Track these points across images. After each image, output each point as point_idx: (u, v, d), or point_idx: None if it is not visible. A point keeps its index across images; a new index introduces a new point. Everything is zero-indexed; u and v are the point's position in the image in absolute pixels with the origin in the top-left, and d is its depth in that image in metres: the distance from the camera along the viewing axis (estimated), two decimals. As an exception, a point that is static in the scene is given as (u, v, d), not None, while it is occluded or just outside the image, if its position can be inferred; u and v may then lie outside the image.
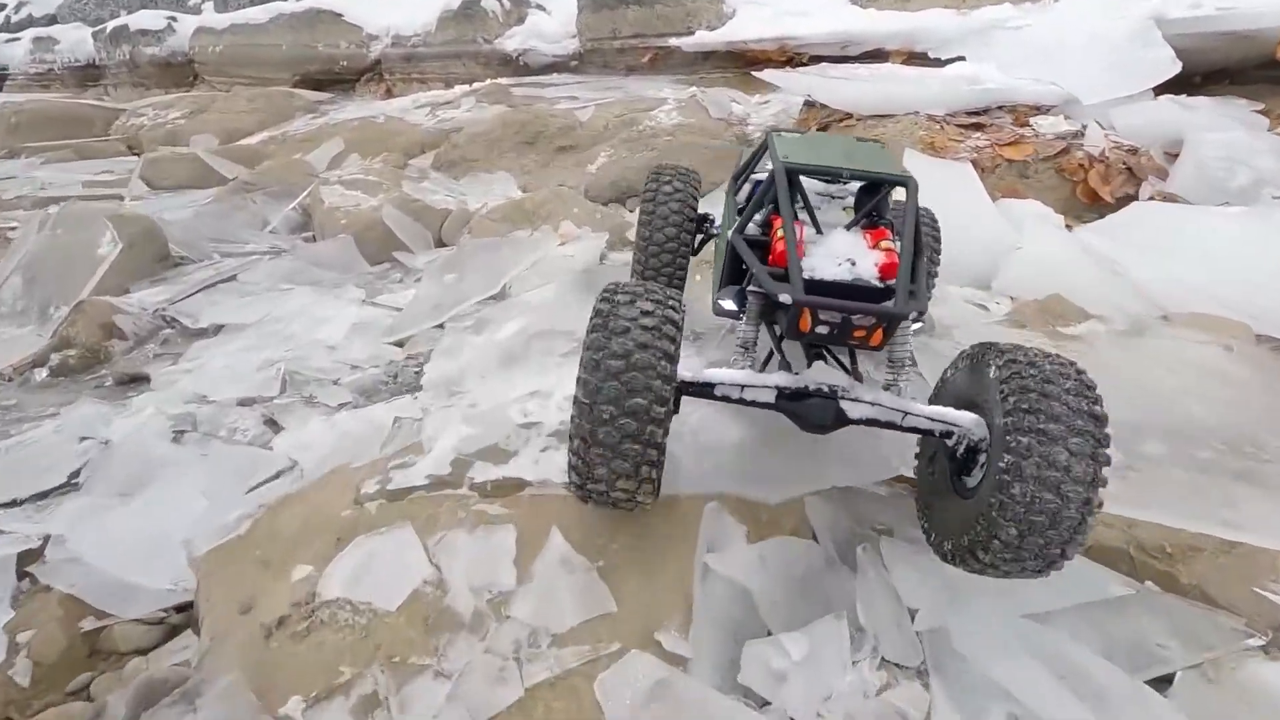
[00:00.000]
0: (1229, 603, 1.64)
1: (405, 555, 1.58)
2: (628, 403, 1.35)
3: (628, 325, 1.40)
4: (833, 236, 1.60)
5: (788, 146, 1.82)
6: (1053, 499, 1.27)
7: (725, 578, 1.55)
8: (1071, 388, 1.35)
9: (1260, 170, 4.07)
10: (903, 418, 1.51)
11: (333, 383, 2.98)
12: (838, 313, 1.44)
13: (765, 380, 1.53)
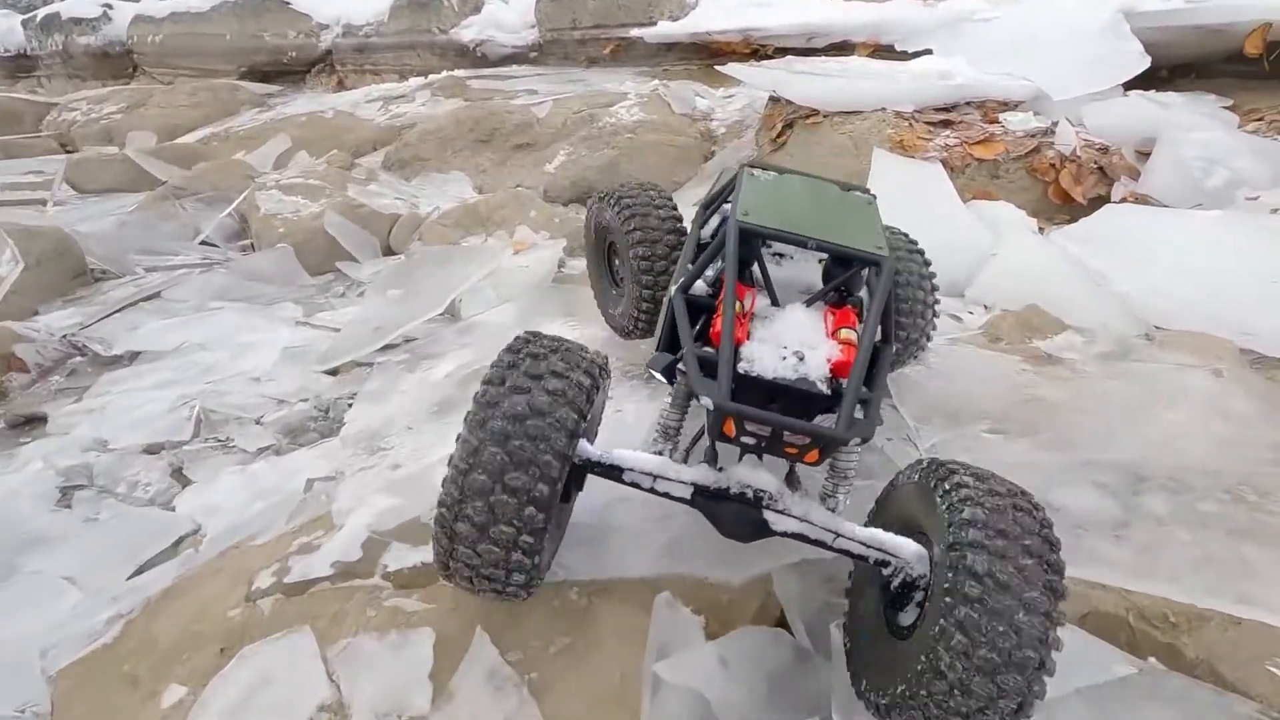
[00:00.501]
0: (1240, 682, 1.48)
1: (300, 672, 1.33)
2: (507, 476, 1.17)
3: (528, 385, 1.22)
4: (788, 314, 1.39)
5: (755, 194, 1.56)
6: (998, 660, 1.07)
7: (677, 688, 1.33)
8: (1032, 544, 1.15)
9: (1236, 171, 3.96)
10: (834, 539, 1.31)
11: (254, 422, 2.69)
12: (765, 429, 1.23)
13: (681, 474, 1.33)
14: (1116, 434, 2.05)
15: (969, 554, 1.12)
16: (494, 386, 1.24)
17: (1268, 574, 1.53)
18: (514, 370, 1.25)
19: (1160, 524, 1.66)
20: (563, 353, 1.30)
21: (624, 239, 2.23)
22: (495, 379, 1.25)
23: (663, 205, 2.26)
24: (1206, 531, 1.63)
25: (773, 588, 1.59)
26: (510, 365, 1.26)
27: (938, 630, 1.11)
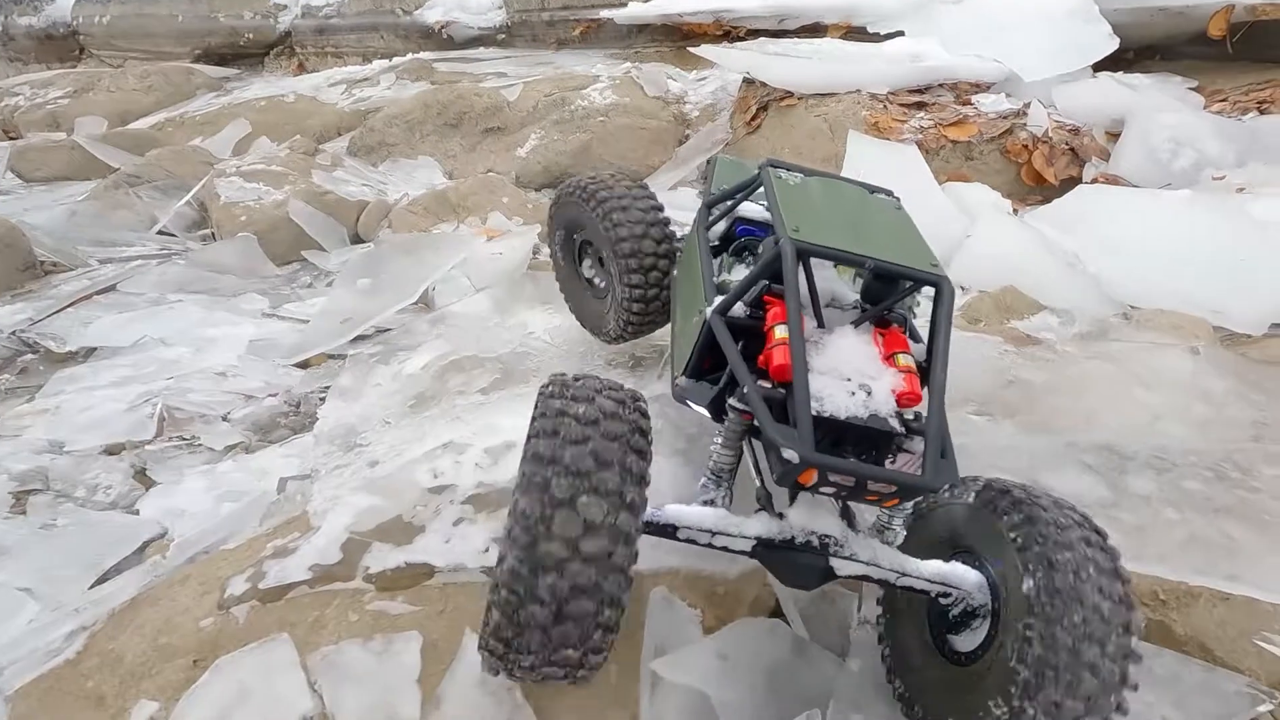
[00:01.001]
0: (1230, 657, 1.49)
1: (279, 683, 1.27)
2: (583, 543, 1.03)
3: (586, 434, 1.10)
4: (838, 339, 1.27)
5: (795, 204, 1.42)
6: (1090, 677, 1.06)
7: (678, 686, 1.29)
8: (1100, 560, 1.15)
9: (1203, 151, 4.03)
10: (898, 578, 1.25)
11: (221, 419, 2.58)
12: (850, 475, 1.12)
13: (742, 528, 1.24)
14: (1098, 415, 2.07)
15: (1059, 575, 1.10)
16: (545, 439, 1.10)
17: (1252, 550, 1.55)
18: (564, 418, 1.12)
19: (1148, 504, 1.67)
20: (607, 392, 1.19)
21: (605, 237, 2.05)
22: (540, 433, 1.12)
23: (642, 197, 2.09)
24: (1192, 510, 1.65)
25: (768, 578, 1.56)
26: (559, 413, 1.13)
27: (1037, 656, 1.08)
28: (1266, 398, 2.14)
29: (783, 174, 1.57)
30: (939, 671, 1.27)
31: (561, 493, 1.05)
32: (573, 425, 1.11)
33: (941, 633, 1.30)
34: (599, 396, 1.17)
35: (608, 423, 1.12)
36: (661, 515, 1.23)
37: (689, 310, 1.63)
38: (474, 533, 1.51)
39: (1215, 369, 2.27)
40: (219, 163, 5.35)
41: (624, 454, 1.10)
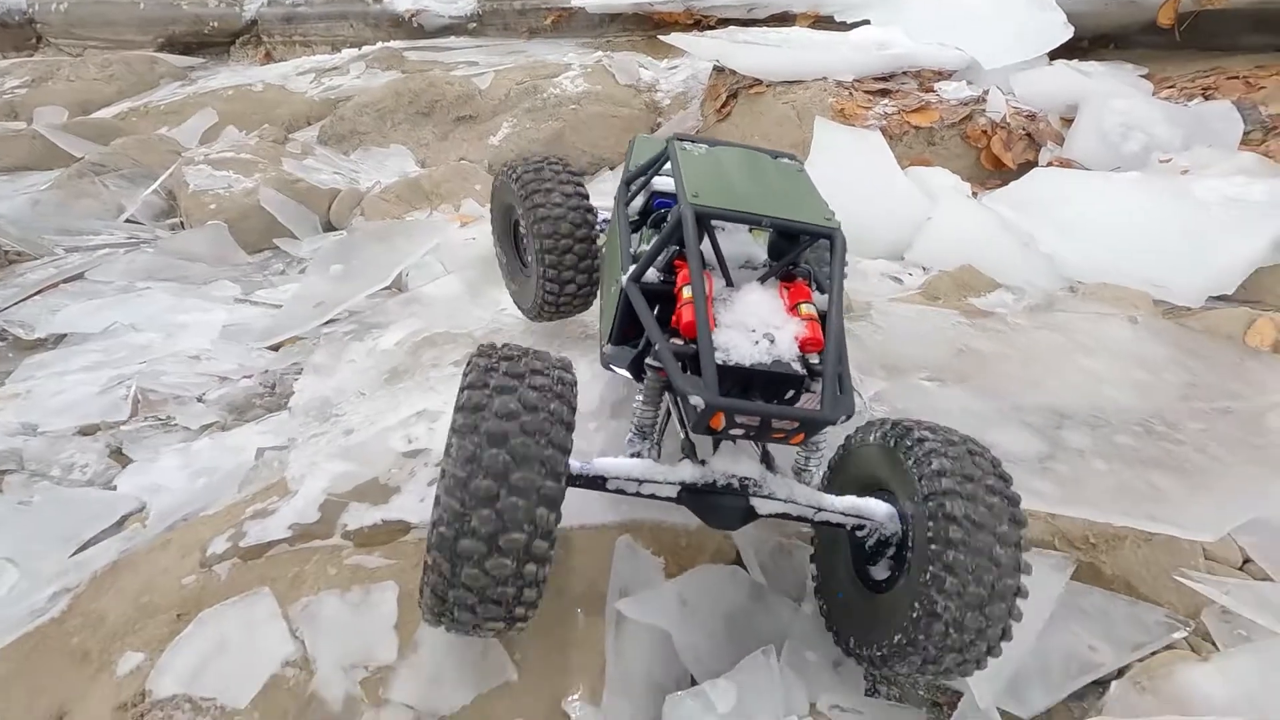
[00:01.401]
0: (1152, 593, 1.62)
1: (262, 632, 1.32)
2: (513, 476, 1.09)
3: (513, 385, 1.16)
4: (745, 294, 1.36)
5: (696, 172, 1.50)
6: (984, 591, 1.17)
7: (642, 625, 1.37)
8: (993, 484, 1.26)
9: (1151, 135, 4.19)
10: (815, 513, 1.35)
11: (196, 400, 2.61)
12: (755, 420, 1.20)
13: (667, 474, 1.32)
14: (1043, 380, 2.19)
15: (946, 501, 1.21)
16: (476, 390, 1.16)
17: (1174, 496, 1.67)
18: (494, 373, 1.19)
19: (1081, 456, 1.79)
20: (533, 355, 1.26)
21: (526, 217, 2.08)
22: (477, 383, 1.17)
23: (567, 181, 2.12)
24: (1121, 461, 1.77)
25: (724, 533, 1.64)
26: (488, 369, 1.20)
27: (929, 577, 1.19)
28: (1199, 362, 2.28)
29: (687, 146, 1.66)
30: (860, 600, 1.38)
31: (493, 433, 1.11)
32: (501, 378, 1.17)
33: (861, 564, 1.41)
34: (527, 356, 1.24)
35: (535, 377, 1.19)
36: (590, 468, 1.30)
37: (609, 282, 1.72)
38: (447, 492, 1.57)
39: (1153, 337, 2.41)
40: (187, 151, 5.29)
41: (549, 400, 1.17)
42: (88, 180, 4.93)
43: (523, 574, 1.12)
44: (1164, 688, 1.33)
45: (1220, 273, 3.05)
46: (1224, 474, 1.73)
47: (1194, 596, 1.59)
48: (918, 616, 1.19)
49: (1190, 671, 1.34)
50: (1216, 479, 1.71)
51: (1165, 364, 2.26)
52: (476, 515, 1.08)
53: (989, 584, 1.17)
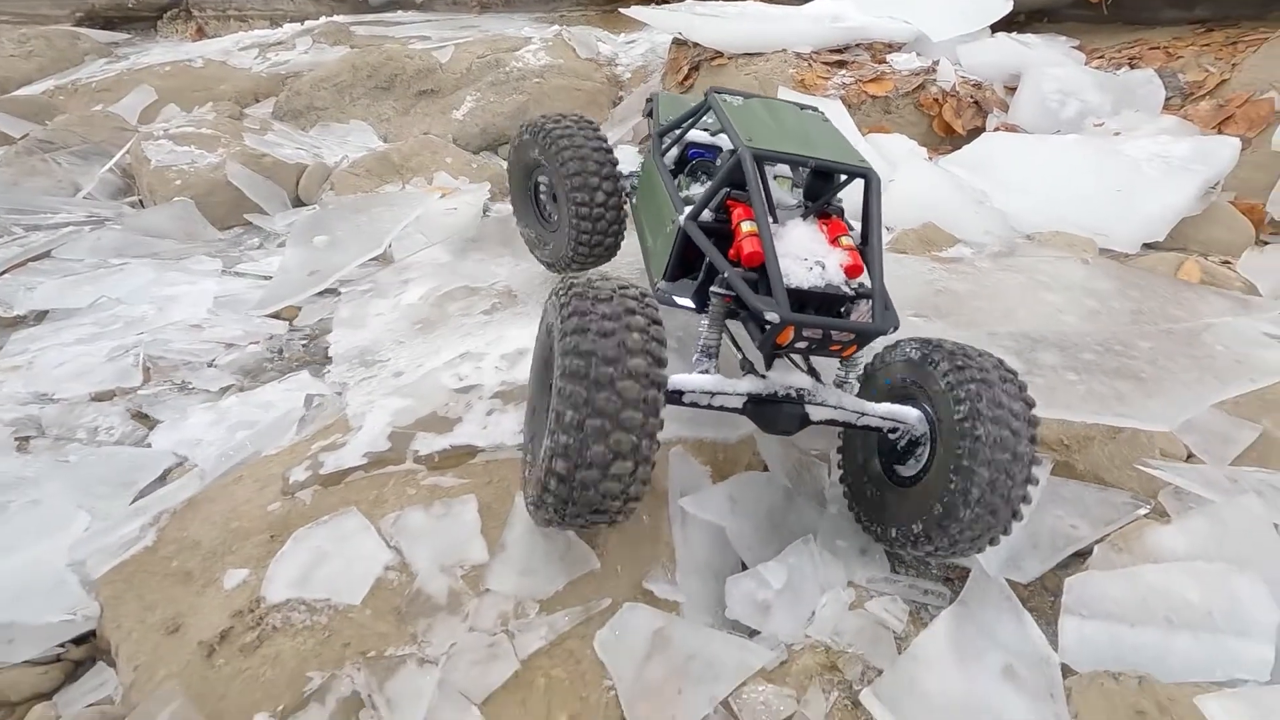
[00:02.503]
0: (1117, 481, 1.89)
1: (358, 543, 1.44)
2: (622, 415, 1.20)
3: (613, 328, 1.25)
4: (791, 229, 1.51)
5: (741, 120, 1.64)
6: (1005, 479, 1.36)
7: (701, 520, 1.55)
8: (1016, 409, 1.43)
9: (1085, 101, 4.56)
10: (858, 418, 1.53)
11: (207, 365, 2.63)
12: (819, 329, 1.38)
13: (735, 387, 1.47)
14: (1012, 312, 2.45)
15: (973, 401, 1.39)
16: (579, 337, 1.24)
17: (1134, 398, 1.94)
18: (590, 317, 1.26)
19: (1054, 371, 2.05)
20: (623, 294, 1.33)
21: (556, 171, 2.17)
22: (577, 330, 1.25)
23: (592, 135, 2.23)
24: (1089, 374, 2.03)
25: (757, 447, 1.83)
26: (584, 314, 1.27)
27: (965, 467, 1.36)
28: (1141, 293, 2.58)
29: (726, 98, 1.82)
30: (893, 494, 1.57)
31: (602, 377, 1.22)
32: (600, 321, 1.26)
33: (889, 464, 1.61)
34: (618, 297, 1.32)
35: (628, 317, 1.28)
36: (669, 383, 1.42)
37: (658, 226, 1.85)
38: (505, 420, 1.71)
39: (1102, 274, 2.71)
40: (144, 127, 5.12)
41: (647, 342, 1.27)
42: (37, 158, 4.72)
43: (629, 493, 1.28)
44: (1136, 547, 1.58)
45: (1152, 223, 3.40)
46: (1172, 380, 2.02)
47: (1151, 481, 1.86)
48: (955, 487, 1.37)
49: (1156, 533, 1.60)
50: (1166, 384, 1.99)
51: (1113, 295, 2.55)
52: (592, 451, 1.21)
53: (1016, 475, 1.37)
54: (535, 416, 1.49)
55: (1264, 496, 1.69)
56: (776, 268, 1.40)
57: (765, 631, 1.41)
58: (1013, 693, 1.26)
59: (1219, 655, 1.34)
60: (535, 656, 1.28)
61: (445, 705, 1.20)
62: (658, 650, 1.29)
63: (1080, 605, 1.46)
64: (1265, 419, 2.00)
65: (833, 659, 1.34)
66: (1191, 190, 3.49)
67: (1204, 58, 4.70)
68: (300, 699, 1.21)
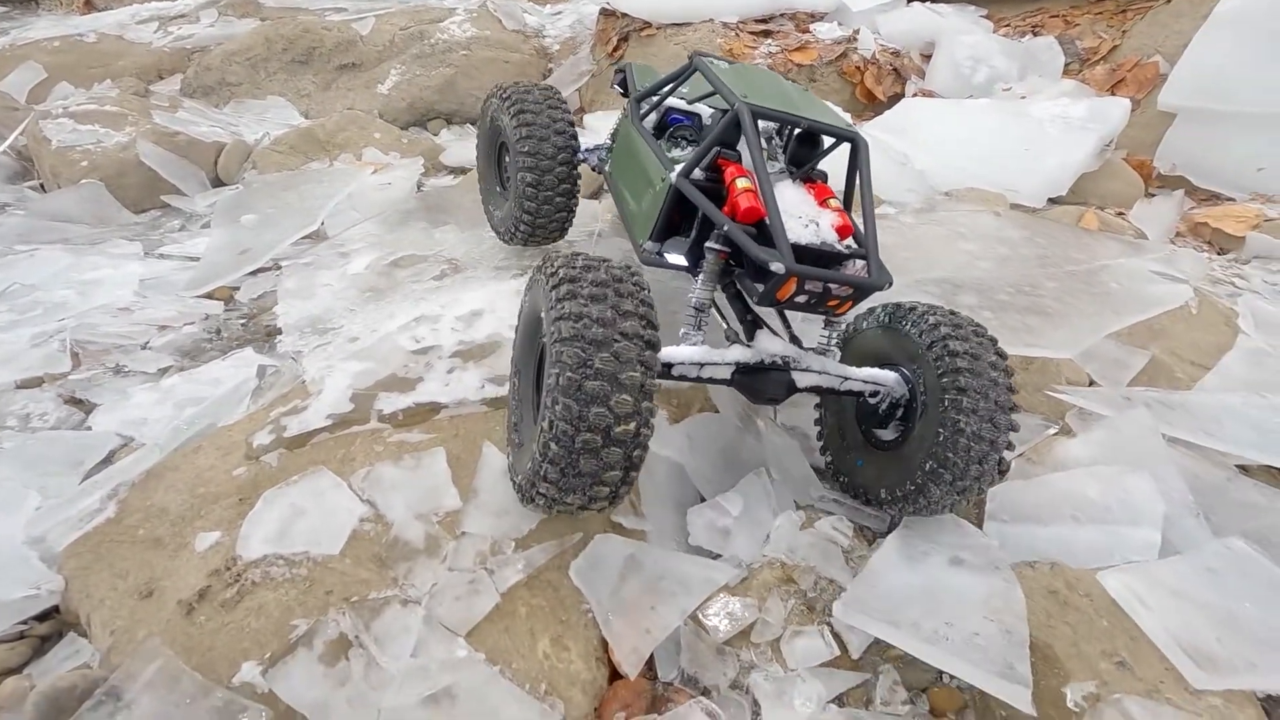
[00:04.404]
0: (1031, 406, 2.09)
1: (331, 498, 1.46)
2: (623, 375, 1.19)
3: (603, 294, 1.24)
4: (780, 190, 1.51)
5: (736, 80, 1.65)
6: (990, 427, 1.42)
7: (662, 457, 1.64)
8: (994, 361, 1.49)
9: (994, 68, 4.83)
10: (842, 382, 1.56)
11: (141, 347, 2.55)
12: (820, 283, 1.38)
13: (723, 357, 1.49)
14: (935, 260, 2.63)
15: (949, 344, 1.46)
16: (571, 302, 1.23)
17: (1042, 331, 2.14)
18: (580, 283, 1.26)
19: (973, 311, 2.23)
20: (605, 264, 1.32)
21: (512, 136, 2.17)
22: (568, 295, 1.24)
23: (556, 106, 2.22)
24: (1003, 312, 2.23)
25: (708, 392, 1.94)
26: (574, 280, 1.26)
27: (948, 404, 1.41)
28: (1047, 241, 2.82)
29: (715, 62, 1.84)
30: (880, 458, 1.62)
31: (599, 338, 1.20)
32: (590, 288, 1.25)
33: (870, 431, 1.66)
34: (603, 266, 1.32)
35: (615, 284, 1.27)
36: (660, 356, 1.33)
37: (644, 187, 1.84)
38: (467, 377, 1.75)
39: (1013, 224, 2.93)
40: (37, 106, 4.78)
41: (639, 306, 1.26)
42: (-82, 141, 4.35)
43: (631, 459, 1.24)
44: (1047, 459, 1.77)
45: (1056, 178, 3.67)
46: (1075, 313, 2.23)
47: (1060, 405, 2.07)
48: (944, 439, 1.42)
49: (1062, 445, 1.80)
50: (1070, 317, 2.21)
51: (1022, 243, 2.77)
52: (593, 411, 1.18)
53: (994, 400, 1.43)
54: (522, 404, 1.49)
55: (1151, 409, 1.91)
56: (779, 220, 1.40)
57: (726, 554, 1.53)
58: (965, 573, 1.41)
59: (1116, 542, 1.53)
60: (515, 589, 1.35)
61: (432, 638, 1.26)
62: (630, 573, 1.38)
63: (1001, 511, 1.64)
64: (1154, 345, 2.24)
65: (788, 573, 1.47)
66: (1089, 148, 3.77)
67: (1098, 25, 5.04)
68: (287, 644, 1.24)
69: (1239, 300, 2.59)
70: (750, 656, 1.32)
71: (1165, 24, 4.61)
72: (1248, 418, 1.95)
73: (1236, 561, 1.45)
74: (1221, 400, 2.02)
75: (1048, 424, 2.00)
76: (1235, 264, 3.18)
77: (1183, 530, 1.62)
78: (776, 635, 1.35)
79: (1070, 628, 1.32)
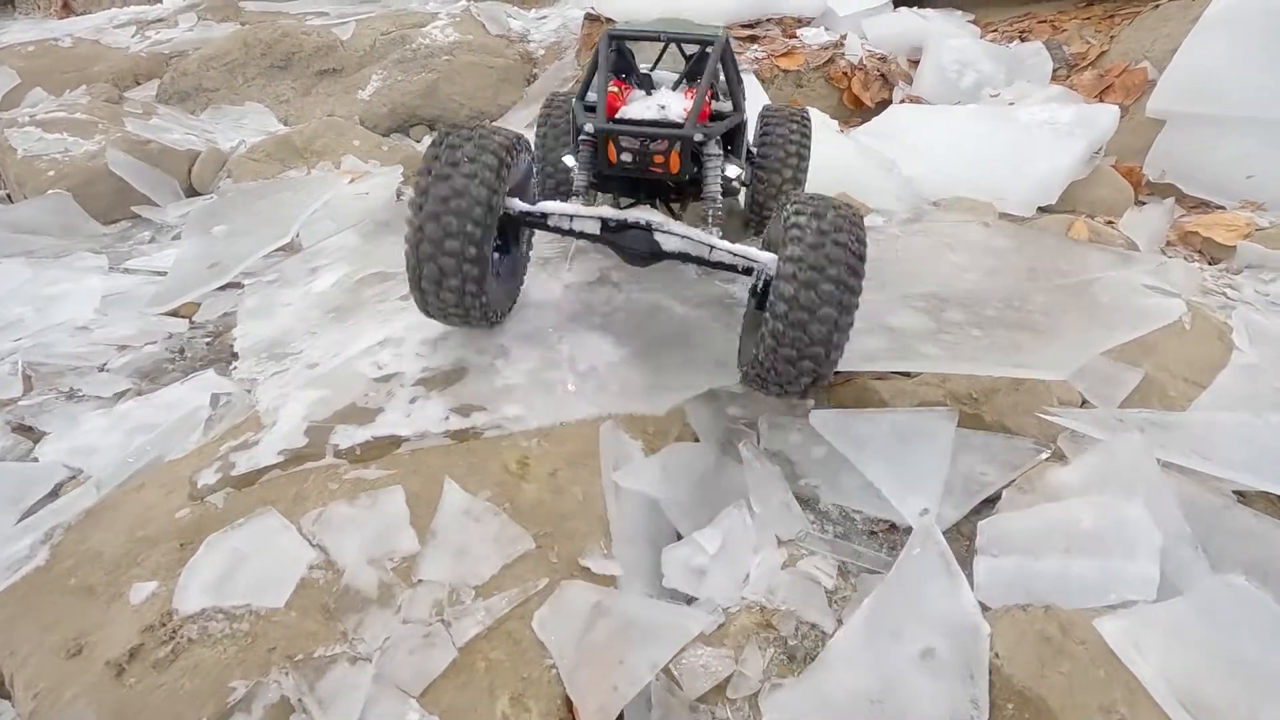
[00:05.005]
0: (1021, 428, 2.01)
1: (278, 543, 1.37)
2: (446, 244, 1.55)
3: (448, 172, 1.55)
4: (659, 95, 1.87)
5: (628, 24, 2.08)
6: (814, 321, 1.51)
7: (634, 492, 1.56)
8: (845, 239, 1.56)
9: (981, 73, 4.77)
10: (710, 251, 1.70)
11: (98, 369, 2.44)
12: (636, 139, 1.69)
13: (592, 211, 1.72)
14: (920, 273, 2.56)
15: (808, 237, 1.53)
16: (423, 178, 1.57)
17: (1033, 349, 2.07)
18: (436, 162, 1.56)
19: (960, 327, 2.16)
20: (476, 139, 1.60)
21: None
22: (423, 171, 1.57)
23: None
24: (991, 328, 2.15)
25: (687, 418, 1.86)
26: (434, 158, 1.58)
27: (788, 295, 1.51)
28: (1035, 251, 2.75)
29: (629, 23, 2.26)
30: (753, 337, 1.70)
31: (430, 213, 1.56)
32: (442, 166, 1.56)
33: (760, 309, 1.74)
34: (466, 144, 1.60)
35: (466, 164, 1.56)
36: (536, 208, 1.72)
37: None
38: (430, 406, 1.66)
39: (1001, 234, 2.86)
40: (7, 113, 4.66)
41: (472, 185, 1.55)
42: (-122, 150, 4.21)
43: (465, 303, 1.63)
44: (1039, 486, 1.70)
45: (1045, 186, 3.61)
46: (1065, 329, 2.16)
47: (1051, 427, 1.99)
48: (778, 316, 1.52)
49: (1055, 473, 1.73)
50: (1060, 333, 2.14)
51: (1011, 253, 2.70)
52: (425, 269, 1.58)
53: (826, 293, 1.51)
54: None
55: (1145, 432, 1.84)
56: (602, 93, 1.77)
57: (702, 596, 1.44)
58: (931, 677, 1.23)
59: (1112, 578, 1.45)
60: (474, 642, 1.26)
61: (382, 699, 1.17)
62: (596, 623, 1.29)
63: (991, 545, 1.56)
64: (1146, 362, 2.17)
65: (767, 617, 1.38)
66: (1078, 155, 3.72)
67: (1085, 30, 5.00)
68: (224, 709, 1.15)
69: (1233, 314, 2.52)
70: (726, 714, 1.24)
71: (1153, 29, 4.57)
72: (1243, 439, 1.88)
73: (1236, 600, 1.37)
74: (1216, 420, 1.95)
75: (1039, 448, 1.93)
76: (1226, 274, 3.13)
77: (1179, 562, 1.55)
78: (754, 690, 1.26)
79: (1064, 677, 1.24)
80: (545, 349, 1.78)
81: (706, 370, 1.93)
